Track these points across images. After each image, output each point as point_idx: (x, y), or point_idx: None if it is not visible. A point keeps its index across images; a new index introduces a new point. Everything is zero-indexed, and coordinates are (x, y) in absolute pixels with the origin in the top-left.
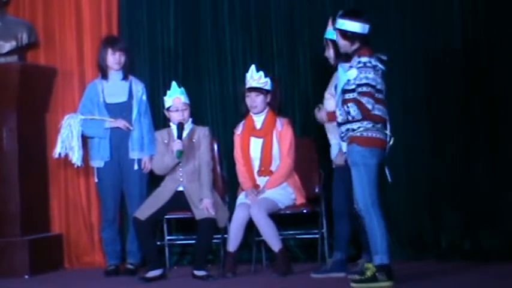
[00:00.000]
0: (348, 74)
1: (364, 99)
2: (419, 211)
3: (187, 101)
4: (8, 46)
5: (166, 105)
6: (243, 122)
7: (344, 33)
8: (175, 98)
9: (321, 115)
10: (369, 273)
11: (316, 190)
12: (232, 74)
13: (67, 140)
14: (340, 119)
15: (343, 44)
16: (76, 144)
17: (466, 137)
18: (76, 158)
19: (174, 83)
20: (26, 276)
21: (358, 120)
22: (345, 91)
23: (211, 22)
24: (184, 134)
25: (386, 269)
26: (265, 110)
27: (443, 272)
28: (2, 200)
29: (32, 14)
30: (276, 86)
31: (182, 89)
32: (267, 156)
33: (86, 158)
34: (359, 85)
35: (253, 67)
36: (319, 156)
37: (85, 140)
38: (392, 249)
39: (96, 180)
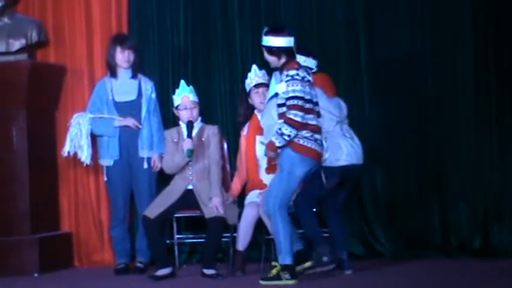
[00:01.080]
0: (277, 87)
1: (291, 113)
2: (428, 209)
3: (196, 100)
4: (17, 44)
5: (175, 103)
6: (247, 124)
7: (270, 50)
8: (183, 96)
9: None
10: (274, 272)
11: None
12: (242, 72)
13: (76, 138)
14: (280, 144)
15: (271, 60)
16: (85, 142)
17: (476, 135)
18: (85, 156)
19: (182, 82)
20: (36, 275)
21: None
22: (278, 105)
23: (221, 20)
24: (194, 132)
25: (289, 268)
26: None
27: (452, 270)
28: (11, 199)
29: (41, 12)
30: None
31: (191, 87)
32: None
33: (95, 156)
34: (287, 98)
35: (255, 66)
36: None
37: (94, 138)
38: (401, 247)
39: (105, 178)
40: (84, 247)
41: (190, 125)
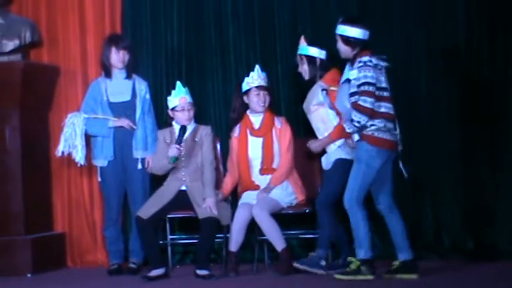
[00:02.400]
0: (350, 73)
1: (361, 100)
2: (421, 210)
3: (191, 101)
4: (11, 45)
5: (171, 105)
6: (238, 125)
7: (346, 39)
8: (181, 98)
9: (315, 146)
10: (353, 266)
11: (319, 190)
12: (236, 73)
13: (70, 138)
14: (351, 130)
15: (344, 49)
16: (79, 143)
17: (468, 136)
18: (79, 157)
19: (179, 83)
20: (29, 275)
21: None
22: (350, 94)
23: (215, 21)
24: (187, 133)
25: (369, 263)
26: (263, 111)
27: (445, 271)
28: (5, 199)
29: (35, 13)
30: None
31: (186, 88)
32: (268, 154)
33: (89, 156)
34: (359, 85)
35: (258, 67)
36: (321, 156)
37: (88, 138)
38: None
39: (99, 179)
40: (77, 247)
41: (183, 130)
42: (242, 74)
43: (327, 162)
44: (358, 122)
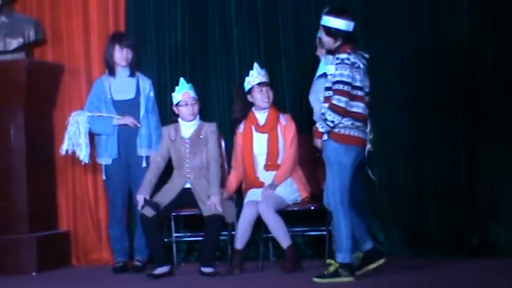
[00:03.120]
0: (327, 68)
1: (335, 99)
2: (425, 207)
3: (196, 96)
4: (15, 43)
5: (175, 100)
6: (243, 122)
7: (328, 30)
8: (184, 92)
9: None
10: (331, 269)
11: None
12: (240, 71)
13: (74, 137)
14: (324, 130)
15: (326, 40)
16: (83, 141)
17: (471, 134)
18: (83, 155)
19: (182, 79)
20: (34, 273)
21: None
22: (325, 88)
23: (219, 19)
24: (192, 130)
25: (348, 266)
26: (268, 107)
27: (450, 268)
28: (9, 197)
29: (39, 11)
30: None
31: (190, 84)
32: (273, 150)
33: (93, 155)
34: (334, 82)
35: (256, 64)
36: None
37: (92, 137)
38: (399, 245)
39: (103, 177)
40: (82, 246)
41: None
42: (246, 72)
43: None
44: (332, 122)
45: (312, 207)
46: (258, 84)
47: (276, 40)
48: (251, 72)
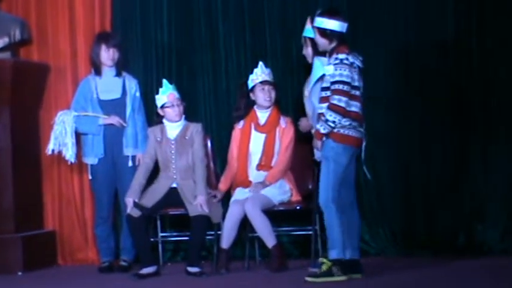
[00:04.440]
0: (325, 69)
1: (335, 99)
2: (412, 207)
3: (180, 97)
4: (0, 42)
5: (160, 102)
6: (244, 119)
7: (323, 32)
8: (169, 94)
9: (303, 125)
10: (324, 268)
11: (310, 186)
12: (226, 70)
13: (60, 136)
14: (326, 131)
15: (321, 42)
16: (69, 140)
17: (458, 134)
18: (69, 154)
19: (165, 81)
20: (19, 273)
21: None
22: (322, 88)
23: (205, 18)
24: (178, 131)
25: (341, 264)
26: (271, 107)
27: (437, 268)
28: None
29: (24, 10)
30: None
31: (174, 85)
32: (269, 151)
33: (79, 154)
34: (333, 82)
35: (261, 63)
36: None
37: (78, 136)
38: (386, 245)
39: (89, 177)
40: (68, 245)
41: None
42: (232, 71)
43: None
44: (333, 122)
45: (298, 207)
46: (261, 82)
47: (262, 39)
48: (255, 70)
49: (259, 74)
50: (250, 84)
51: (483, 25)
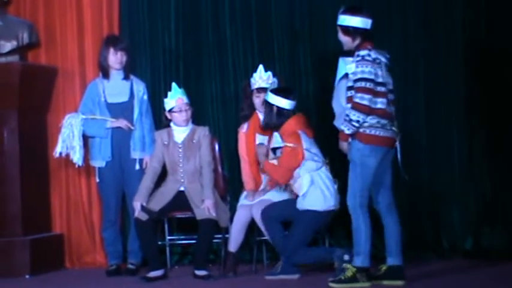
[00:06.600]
0: (347, 67)
1: (358, 97)
2: (419, 210)
3: (188, 101)
4: (9, 46)
5: (168, 107)
6: (247, 122)
7: (346, 29)
8: (178, 98)
9: (259, 152)
10: (348, 274)
11: None
12: (233, 74)
13: (68, 139)
14: (350, 131)
15: (345, 40)
16: (77, 143)
17: (466, 136)
18: (77, 157)
19: (174, 84)
20: (27, 276)
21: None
22: (347, 88)
23: (212, 22)
24: (185, 134)
25: (366, 271)
26: None
27: (444, 272)
28: (3, 200)
29: (32, 14)
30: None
31: (182, 89)
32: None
33: (86, 157)
34: (355, 80)
35: (261, 67)
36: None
37: (86, 139)
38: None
39: (97, 180)
40: (75, 248)
41: None
42: (240, 75)
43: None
44: (357, 121)
45: None
46: (257, 89)
47: (269, 43)
48: (255, 74)
49: (257, 79)
50: (251, 87)
51: (491, 32)
